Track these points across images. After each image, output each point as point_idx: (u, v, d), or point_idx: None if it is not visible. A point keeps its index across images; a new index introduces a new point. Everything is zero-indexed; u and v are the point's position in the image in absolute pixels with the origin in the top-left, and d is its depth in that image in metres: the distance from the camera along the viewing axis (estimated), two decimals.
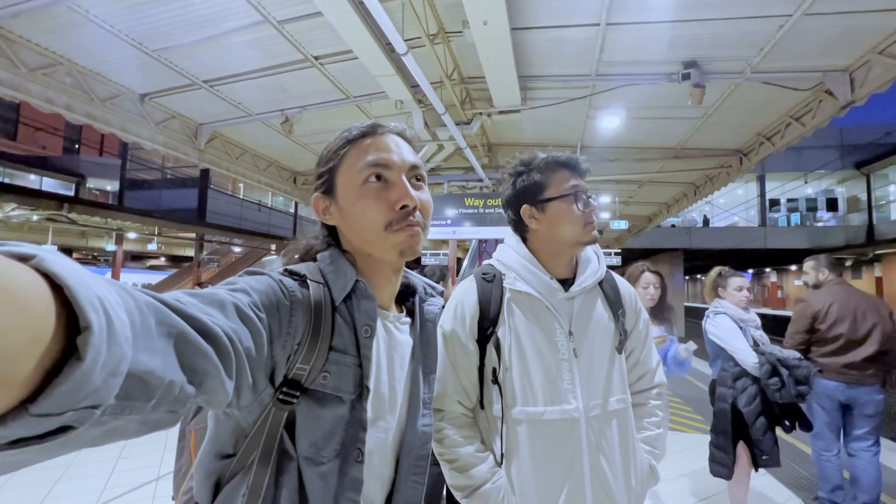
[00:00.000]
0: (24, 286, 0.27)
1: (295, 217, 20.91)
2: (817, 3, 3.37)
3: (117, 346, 0.31)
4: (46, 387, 0.28)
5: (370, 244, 0.74)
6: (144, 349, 0.35)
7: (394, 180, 0.74)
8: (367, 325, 0.70)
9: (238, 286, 0.60)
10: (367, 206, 0.72)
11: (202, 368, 0.43)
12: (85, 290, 0.29)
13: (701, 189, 8.03)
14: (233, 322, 0.52)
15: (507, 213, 1.19)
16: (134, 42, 3.99)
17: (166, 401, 0.39)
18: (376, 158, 0.74)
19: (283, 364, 0.63)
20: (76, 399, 0.29)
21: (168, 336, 0.40)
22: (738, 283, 2.64)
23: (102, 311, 0.30)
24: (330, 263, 0.73)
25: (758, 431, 2.39)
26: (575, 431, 1.02)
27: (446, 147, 5.94)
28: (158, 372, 0.36)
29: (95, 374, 0.29)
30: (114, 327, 0.31)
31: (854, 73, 4.15)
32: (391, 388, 0.76)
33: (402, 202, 0.72)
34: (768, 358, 2.33)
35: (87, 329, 0.29)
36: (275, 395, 0.63)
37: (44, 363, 0.28)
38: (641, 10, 3.65)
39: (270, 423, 0.64)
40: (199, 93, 5.01)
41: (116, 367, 0.31)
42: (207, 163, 6.21)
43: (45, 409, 0.28)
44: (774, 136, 5.64)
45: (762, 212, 22.07)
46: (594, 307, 1.11)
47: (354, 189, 0.73)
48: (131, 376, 0.34)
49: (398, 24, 3.30)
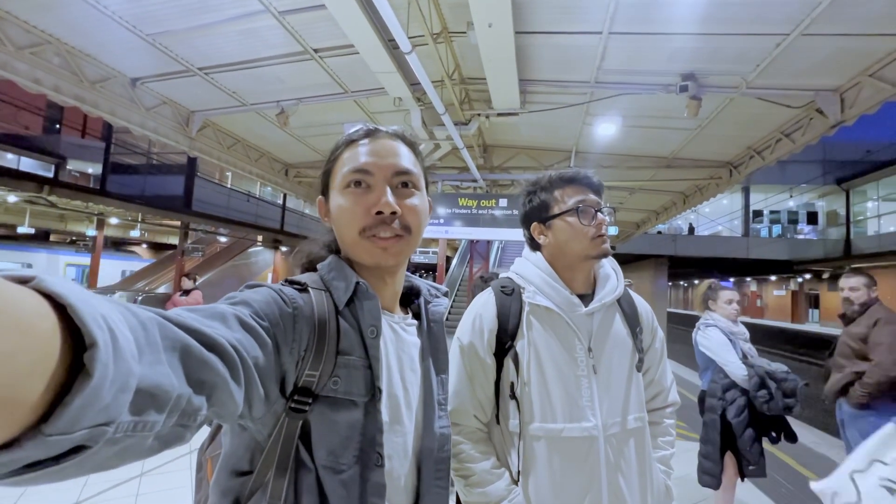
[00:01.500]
0: (27, 308, 0.27)
1: (283, 208, 20.63)
2: (814, 25, 3.45)
3: (124, 362, 0.31)
4: (57, 407, 0.28)
5: (349, 248, 0.76)
6: (150, 364, 0.36)
7: (373, 185, 0.74)
8: (373, 326, 0.70)
9: (238, 299, 0.60)
10: (345, 211, 0.73)
11: (209, 380, 0.44)
12: (88, 308, 0.30)
13: (690, 199, 8.17)
14: (237, 333, 0.52)
15: (523, 233, 1.24)
16: (128, 25, 3.87)
17: (176, 415, 0.39)
18: (357, 164, 0.74)
19: (292, 372, 0.63)
20: (88, 416, 0.29)
21: (172, 350, 0.40)
22: (728, 295, 2.70)
23: (107, 328, 0.30)
24: (330, 270, 0.74)
25: (745, 442, 2.44)
26: (594, 450, 1.01)
27: (443, 146, 5.92)
28: (166, 386, 0.37)
29: (105, 390, 0.29)
30: (119, 343, 0.31)
31: (845, 93, 4.26)
32: (405, 390, 0.76)
33: (376, 208, 0.72)
34: (757, 371, 2.39)
35: (94, 346, 0.29)
36: (287, 405, 0.63)
37: (52, 384, 0.28)
38: (644, 21, 3.68)
39: (285, 435, 0.63)
40: (193, 80, 4.90)
41: (125, 382, 0.32)
42: (198, 151, 6.08)
43: (58, 428, 0.28)
44: (765, 151, 5.76)
45: (745, 222, 22.58)
46: (613, 324, 1.11)
47: (338, 193, 0.75)
48: (140, 392, 0.34)
49: (403, 22, 3.27)
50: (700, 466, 2.59)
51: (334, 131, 6.56)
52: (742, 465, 2.48)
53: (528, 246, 1.22)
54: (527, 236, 1.22)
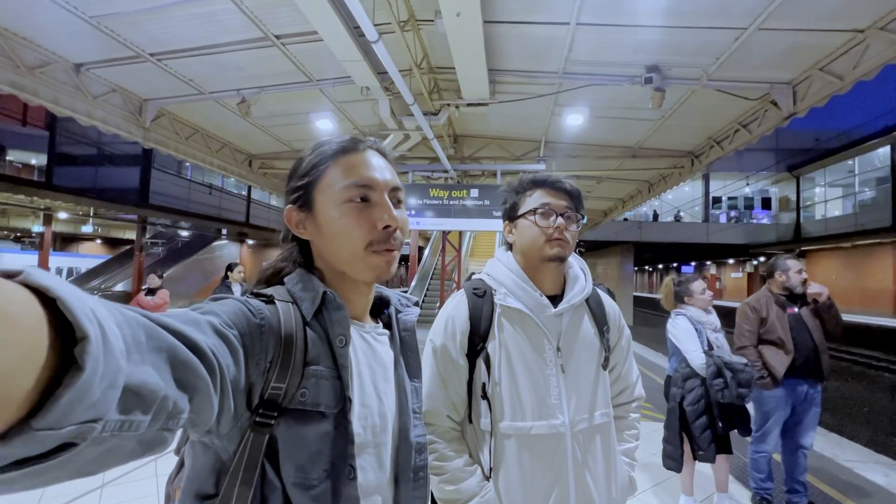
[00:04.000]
0: (13, 301, 0.27)
1: (248, 200, 19.95)
2: (770, 19, 3.57)
3: (113, 358, 0.31)
4: (46, 402, 0.28)
5: (346, 263, 0.73)
6: (138, 363, 0.36)
7: (377, 200, 0.73)
8: (342, 335, 0.69)
9: (205, 309, 0.59)
10: (349, 226, 0.71)
11: (192, 383, 0.43)
12: (78, 303, 0.29)
13: (655, 187, 8.43)
14: (211, 338, 0.51)
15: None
16: (68, 6, 3.58)
17: (161, 417, 0.38)
18: (361, 179, 0.73)
19: (258, 384, 0.61)
20: (78, 412, 0.29)
21: (159, 350, 0.39)
22: (700, 285, 2.79)
23: (97, 323, 0.30)
24: (297, 283, 0.73)
25: (697, 429, 2.59)
26: (561, 446, 1.05)
27: (412, 137, 5.84)
28: (153, 385, 0.36)
29: (95, 385, 0.29)
30: (108, 339, 0.31)
31: (797, 86, 4.46)
32: (378, 400, 0.75)
33: (385, 222, 0.71)
34: (715, 360, 2.52)
35: (85, 339, 0.29)
36: (252, 419, 0.61)
37: (41, 379, 0.28)
38: (611, 13, 3.71)
39: (250, 451, 0.61)
40: (144, 66, 4.60)
41: (114, 379, 0.31)
42: (153, 142, 5.76)
43: (47, 422, 0.27)
44: (724, 141, 5.99)
45: (706, 208, 23.57)
46: (581, 324, 1.15)
47: (336, 207, 0.72)
48: (127, 390, 0.33)
49: (368, 9, 3.16)
50: (664, 451, 2.72)
51: (300, 121, 6.35)
52: (694, 449, 2.61)
53: (505, 245, 1.25)
54: (504, 235, 1.26)
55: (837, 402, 8.68)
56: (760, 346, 2.80)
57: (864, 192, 17.97)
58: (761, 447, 2.84)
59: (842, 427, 6.96)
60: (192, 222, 17.51)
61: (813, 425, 2.80)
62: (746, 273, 26.46)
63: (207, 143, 6.81)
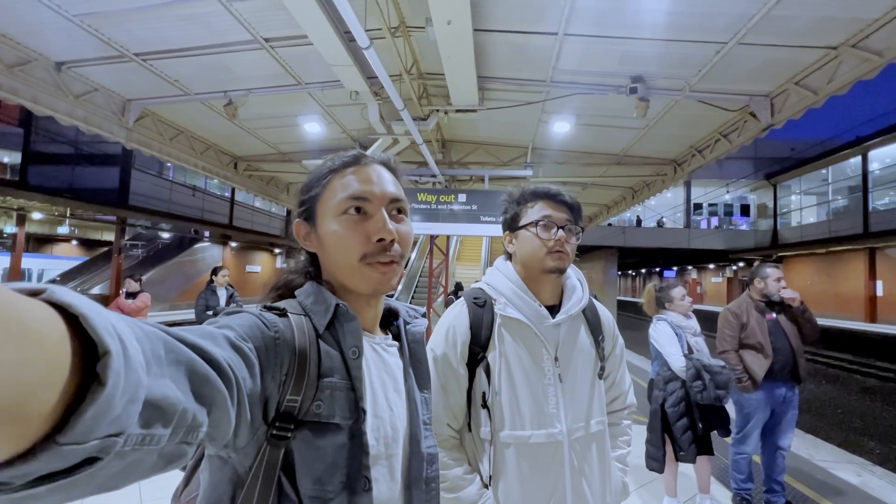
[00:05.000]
0: (37, 318, 0.27)
1: (231, 202, 19.62)
2: (749, 34, 3.70)
3: (133, 373, 0.32)
4: (70, 418, 0.28)
5: (344, 275, 0.74)
6: (157, 376, 0.36)
7: (372, 213, 0.74)
8: (355, 347, 0.70)
9: (220, 323, 0.59)
10: (344, 238, 0.72)
11: (210, 396, 0.44)
12: (100, 319, 0.30)
13: (639, 193, 8.60)
14: (227, 352, 0.51)
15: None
16: (51, 4, 3.50)
17: (181, 430, 0.39)
18: (356, 191, 0.74)
19: (274, 397, 0.62)
20: (101, 426, 0.29)
21: (178, 364, 0.40)
22: (680, 292, 2.87)
23: (118, 338, 0.31)
24: (308, 296, 0.73)
25: (678, 430, 2.66)
26: (558, 454, 1.07)
27: (401, 141, 5.85)
28: (172, 399, 0.37)
29: (117, 400, 0.30)
30: (129, 354, 0.32)
31: (774, 98, 4.62)
32: (390, 412, 0.76)
33: (378, 235, 0.72)
34: (694, 363, 2.60)
35: (107, 354, 0.29)
36: (268, 432, 0.61)
37: (64, 395, 0.28)
38: (597, 24, 3.80)
39: (266, 465, 0.61)
40: (128, 66, 4.52)
41: (135, 393, 0.32)
42: (136, 143, 5.64)
43: (73, 437, 0.28)
44: (705, 150, 6.15)
45: (687, 214, 24.09)
46: (578, 334, 1.17)
47: (333, 219, 0.74)
48: (148, 404, 0.34)
49: (360, 14, 3.18)
50: (647, 452, 2.79)
51: (288, 123, 6.30)
52: (675, 450, 2.68)
53: (505, 255, 1.27)
54: (504, 245, 1.27)
55: (813, 404, 8.95)
56: (741, 351, 2.89)
57: (837, 200, 18.62)
58: (742, 449, 2.92)
59: (817, 428, 7.17)
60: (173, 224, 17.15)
61: (790, 427, 2.90)
62: (726, 278, 27.09)
63: (192, 145, 6.70)
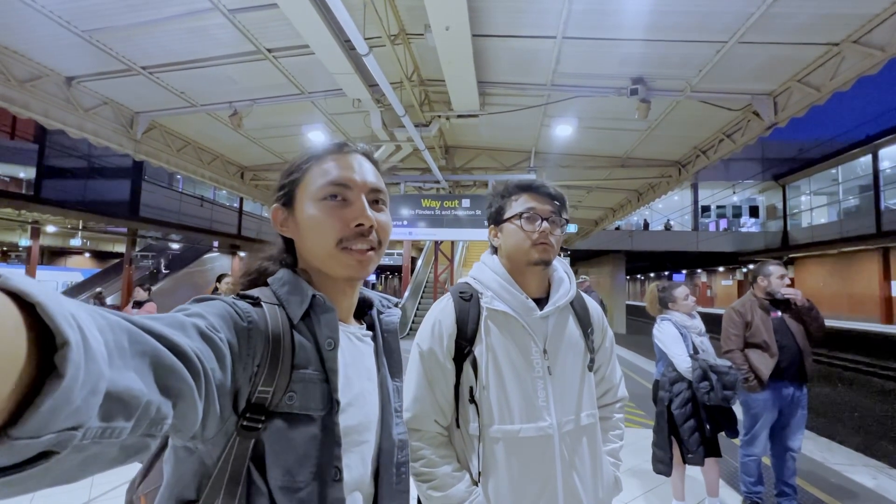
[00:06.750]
0: None
1: (240, 213, 19.86)
2: (749, 33, 3.70)
3: (94, 364, 0.30)
4: (24, 411, 0.26)
5: (321, 260, 0.74)
6: (120, 368, 0.35)
7: (352, 199, 0.74)
8: (330, 338, 0.70)
9: (191, 311, 0.58)
10: (322, 222, 0.72)
11: (176, 388, 0.42)
12: (58, 307, 0.28)
13: (644, 196, 8.55)
14: (196, 342, 0.50)
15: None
16: (60, 20, 3.61)
17: (144, 423, 0.38)
18: (337, 177, 0.74)
19: (245, 388, 0.61)
20: (58, 419, 0.28)
21: (142, 355, 0.39)
22: (683, 291, 2.84)
23: (77, 328, 0.29)
24: (283, 285, 0.73)
25: (685, 432, 2.60)
26: (549, 448, 1.05)
27: (404, 148, 5.90)
28: (135, 391, 0.35)
29: (76, 392, 0.28)
30: (89, 344, 0.30)
31: (777, 97, 4.59)
32: (364, 401, 0.76)
33: (357, 220, 0.72)
34: (700, 364, 2.56)
35: (66, 345, 0.28)
36: (238, 423, 0.61)
37: (19, 387, 0.27)
38: (596, 27, 3.82)
39: (235, 456, 0.61)
40: (136, 79, 4.63)
41: (95, 385, 0.30)
42: (144, 154, 5.75)
43: (27, 431, 0.26)
44: (709, 150, 6.12)
45: (695, 217, 23.88)
46: (566, 326, 1.16)
47: (312, 204, 0.74)
48: (109, 396, 0.32)
49: (359, 23, 3.23)
50: (653, 455, 2.73)
51: (292, 133, 6.39)
52: (683, 452, 2.63)
53: (490, 249, 1.26)
54: (490, 239, 1.27)
55: (828, 408, 8.75)
56: (746, 350, 2.85)
57: (848, 200, 18.34)
58: (750, 450, 2.86)
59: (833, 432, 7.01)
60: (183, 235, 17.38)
61: (800, 428, 2.84)
62: (737, 281, 26.73)
63: (199, 156, 6.81)
